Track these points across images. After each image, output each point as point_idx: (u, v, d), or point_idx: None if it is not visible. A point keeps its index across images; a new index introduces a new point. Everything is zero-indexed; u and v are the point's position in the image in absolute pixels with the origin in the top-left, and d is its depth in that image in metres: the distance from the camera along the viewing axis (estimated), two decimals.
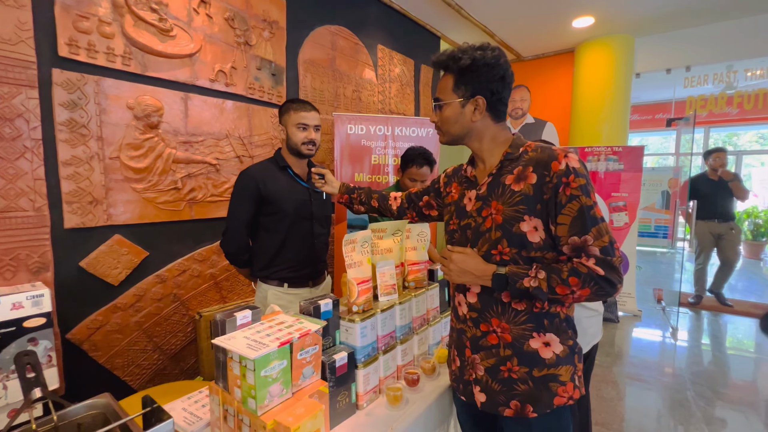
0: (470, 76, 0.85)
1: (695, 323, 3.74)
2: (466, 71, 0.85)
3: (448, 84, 0.88)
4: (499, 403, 0.88)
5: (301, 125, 1.42)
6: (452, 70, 0.87)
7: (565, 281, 0.76)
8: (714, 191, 3.76)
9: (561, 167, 0.79)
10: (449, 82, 0.88)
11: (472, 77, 0.85)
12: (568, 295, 0.77)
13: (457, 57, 0.85)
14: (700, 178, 3.91)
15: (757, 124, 7.40)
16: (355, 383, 0.96)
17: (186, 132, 1.85)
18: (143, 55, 1.68)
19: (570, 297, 0.78)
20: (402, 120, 2.39)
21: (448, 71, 0.89)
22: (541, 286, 0.78)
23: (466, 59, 0.84)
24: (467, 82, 0.86)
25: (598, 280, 0.75)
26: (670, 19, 3.49)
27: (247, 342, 0.76)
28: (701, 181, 3.88)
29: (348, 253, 1.01)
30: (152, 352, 1.81)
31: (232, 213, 1.42)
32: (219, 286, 2.05)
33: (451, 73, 0.88)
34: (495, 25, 3.59)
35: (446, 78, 0.89)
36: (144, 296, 1.76)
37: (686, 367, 2.81)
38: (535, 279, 0.78)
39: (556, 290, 0.77)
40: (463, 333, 0.93)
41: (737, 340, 3.39)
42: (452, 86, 0.88)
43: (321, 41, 2.53)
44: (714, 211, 3.77)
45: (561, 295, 0.77)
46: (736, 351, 3.18)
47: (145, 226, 1.75)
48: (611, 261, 0.76)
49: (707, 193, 3.78)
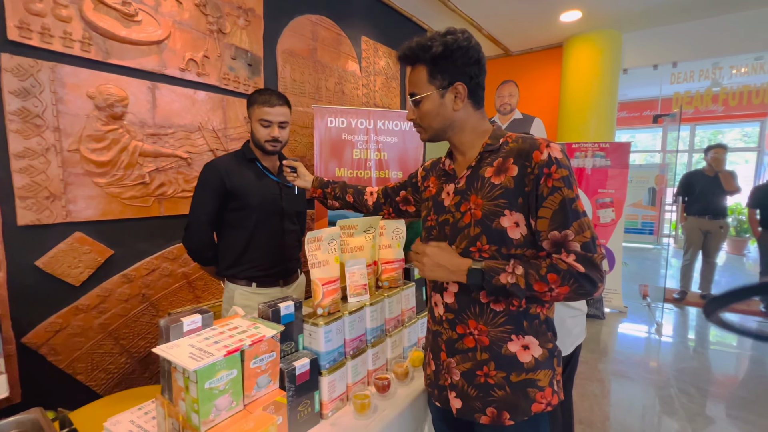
0: (445, 63, 0.79)
1: (680, 319, 3.76)
2: (440, 59, 0.78)
3: (422, 76, 0.81)
4: (475, 410, 0.82)
5: (264, 121, 1.32)
6: (423, 60, 0.80)
7: (544, 278, 0.70)
8: (709, 187, 3.78)
9: (543, 157, 0.73)
10: (422, 73, 0.81)
11: (447, 64, 0.79)
12: (547, 292, 0.71)
13: (427, 45, 0.78)
14: (696, 174, 3.93)
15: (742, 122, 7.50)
16: (319, 391, 0.90)
17: (154, 123, 1.75)
18: (105, 41, 1.58)
19: (548, 295, 0.72)
20: (384, 113, 2.32)
21: (419, 62, 0.81)
22: (518, 283, 0.72)
23: (437, 46, 0.77)
24: (443, 69, 0.79)
25: (578, 278, 0.69)
26: (657, 14, 3.47)
27: (191, 351, 0.69)
28: (697, 176, 3.89)
29: (312, 252, 0.94)
30: (119, 355, 1.72)
31: (195, 207, 1.34)
32: (192, 286, 1.96)
33: (423, 64, 0.80)
34: (482, 18, 3.53)
35: (418, 70, 0.82)
36: (109, 297, 1.67)
37: (670, 364, 2.81)
38: (513, 275, 0.72)
39: (534, 287, 0.71)
40: (439, 335, 0.88)
41: (720, 336, 3.41)
42: (427, 77, 0.80)
43: (301, 31, 2.44)
44: (707, 207, 3.79)
45: (539, 292, 0.72)
46: (719, 347, 3.20)
47: (110, 223, 1.65)
48: (592, 258, 0.70)
49: (702, 189, 3.80)
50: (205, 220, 1.33)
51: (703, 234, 3.87)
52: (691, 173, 3.99)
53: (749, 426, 2.11)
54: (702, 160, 3.99)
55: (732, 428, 2.10)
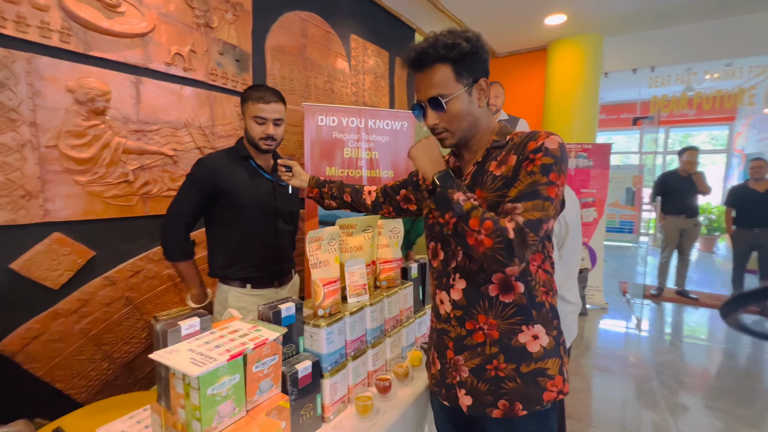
0: (471, 59, 0.78)
1: (658, 314, 3.90)
2: (468, 55, 0.78)
3: (448, 75, 0.79)
4: (487, 404, 0.82)
5: (259, 118, 1.29)
6: (449, 59, 0.78)
7: (482, 219, 0.70)
8: (684, 187, 3.94)
9: (536, 146, 0.74)
10: (448, 73, 0.79)
11: (473, 60, 0.79)
12: (473, 232, 0.71)
13: (453, 43, 0.77)
14: (671, 175, 4.08)
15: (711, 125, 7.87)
16: (321, 394, 0.88)
17: (138, 120, 1.68)
18: (86, 32, 1.51)
19: (472, 235, 0.71)
20: (375, 112, 2.31)
21: (441, 62, 0.79)
22: (463, 205, 0.73)
23: (464, 44, 0.77)
24: (469, 67, 0.79)
25: (504, 241, 0.68)
26: (637, 20, 3.59)
27: (192, 356, 0.66)
28: (672, 177, 4.04)
29: (313, 252, 0.92)
30: (101, 361, 1.65)
31: (178, 202, 1.30)
32: (178, 288, 1.90)
33: (447, 63, 0.78)
34: (470, 20, 3.56)
35: (441, 70, 0.79)
36: (90, 300, 1.59)
37: (651, 358, 2.92)
38: (467, 199, 0.74)
39: (470, 221, 0.71)
40: (446, 333, 0.87)
41: (697, 330, 3.56)
42: (454, 76, 0.79)
43: (290, 27, 2.40)
44: (683, 206, 3.95)
45: (469, 228, 0.72)
46: (696, 340, 3.34)
47: (91, 223, 1.58)
48: (527, 235, 0.69)
49: (677, 189, 3.95)
50: (183, 216, 1.29)
51: (679, 232, 4.03)
52: (667, 174, 4.15)
53: (726, 416, 2.21)
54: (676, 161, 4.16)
55: (710, 418, 2.19)
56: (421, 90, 0.84)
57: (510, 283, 0.80)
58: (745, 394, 2.46)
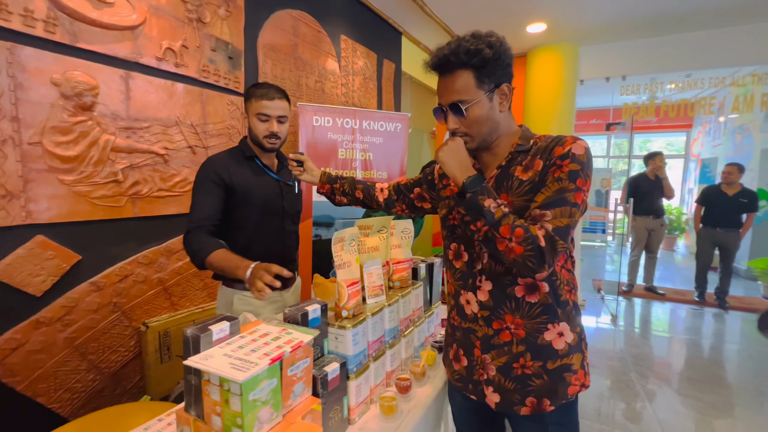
0: (493, 65, 0.79)
1: (629, 310, 4.13)
2: (490, 61, 0.78)
3: (469, 81, 0.80)
4: (515, 403, 0.85)
5: (262, 116, 1.26)
6: (470, 65, 0.79)
7: (513, 227, 0.72)
8: (652, 190, 4.19)
9: (563, 151, 0.77)
10: (469, 78, 0.80)
11: (495, 66, 0.79)
12: (505, 240, 0.73)
13: (475, 50, 0.77)
14: (640, 178, 4.30)
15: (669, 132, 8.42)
16: (347, 396, 0.87)
17: (128, 116, 1.60)
18: (72, 22, 1.42)
19: (503, 242, 0.73)
20: (370, 113, 2.31)
21: (463, 68, 0.80)
22: (494, 213, 0.74)
23: (486, 50, 0.77)
24: (491, 72, 0.80)
25: (536, 248, 0.71)
26: (610, 30, 3.79)
27: (230, 361, 0.64)
28: (641, 180, 4.29)
29: (337, 253, 0.91)
30: (86, 372, 1.55)
31: (196, 207, 1.21)
32: (168, 292, 1.82)
33: (469, 69, 0.79)
34: (455, 25, 3.64)
35: (462, 75, 0.80)
36: (75, 308, 1.49)
37: (627, 350, 3.08)
38: (497, 206, 0.75)
39: (501, 228, 0.73)
40: (472, 332, 0.89)
41: (666, 323, 3.80)
42: (475, 82, 0.80)
43: (282, 26, 2.36)
44: (651, 207, 4.21)
45: (500, 235, 0.73)
46: (668, 333, 3.56)
47: (77, 225, 1.48)
48: (556, 242, 0.72)
49: (646, 191, 4.20)
50: (208, 221, 1.19)
51: (648, 232, 4.29)
52: (636, 177, 4.40)
53: (697, 402, 2.37)
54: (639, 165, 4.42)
55: (684, 405, 2.35)
56: (443, 94, 0.85)
57: (536, 284, 0.82)
58: (712, 381, 2.65)
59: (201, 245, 1.14)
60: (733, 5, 3.26)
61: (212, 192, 1.21)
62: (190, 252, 1.18)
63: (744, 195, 3.90)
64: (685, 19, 3.54)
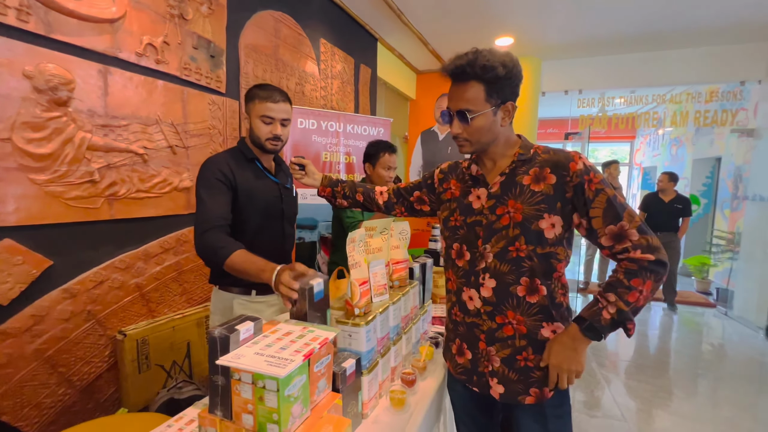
0: (503, 83, 0.86)
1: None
2: (501, 79, 0.85)
3: (479, 93, 0.86)
4: (519, 392, 0.92)
5: (267, 118, 1.25)
6: (483, 79, 0.85)
7: (630, 287, 0.81)
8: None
9: (579, 167, 0.85)
10: (480, 91, 0.86)
11: (505, 84, 0.86)
12: (639, 297, 0.81)
13: (490, 66, 0.83)
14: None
15: (615, 142, 9.20)
16: (361, 391, 0.91)
17: (105, 113, 1.52)
18: (47, 11, 1.33)
19: (641, 298, 0.81)
20: (353, 117, 2.35)
21: (476, 80, 0.86)
22: (619, 307, 0.81)
23: (500, 68, 0.84)
24: (500, 90, 0.86)
25: (653, 267, 0.80)
26: (569, 48, 4.12)
27: (264, 359, 0.65)
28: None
29: (350, 253, 0.94)
30: (56, 386, 1.44)
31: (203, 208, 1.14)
32: (146, 298, 1.73)
33: (481, 82, 0.86)
34: (429, 35, 3.77)
35: (474, 87, 0.86)
36: (46, 317, 1.39)
37: None
38: (610, 305, 0.82)
39: (629, 299, 0.81)
40: (476, 326, 0.95)
41: None
42: (484, 96, 0.86)
43: (264, 26, 2.33)
44: None
45: (635, 302, 0.81)
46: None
47: (48, 228, 1.38)
48: (652, 242, 0.81)
49: None
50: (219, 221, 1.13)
51: None
52: None
53: (649, 386, 2.63)
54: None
55: (638, 389, 2.60)
56: (453, 100, 0.91)
57: (536, 287, 0.89)
58: (659, 367, 2.94)
59: (225, 243, 1.08)
60: (671, 31, 3.67)
61: (222, 191, 1.18)
62: (211, 250, 1.09)
63: (678, 201, 4.21)
64: (632, 41, 3.92)
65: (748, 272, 4.13)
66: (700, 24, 3.48)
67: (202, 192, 1.18)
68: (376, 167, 1.86)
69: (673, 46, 4.10)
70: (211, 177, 1.19)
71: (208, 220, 1.13)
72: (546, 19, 3.42)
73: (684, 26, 3.54)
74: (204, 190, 1.18)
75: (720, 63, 4.13)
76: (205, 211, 1.15)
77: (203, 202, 1.17)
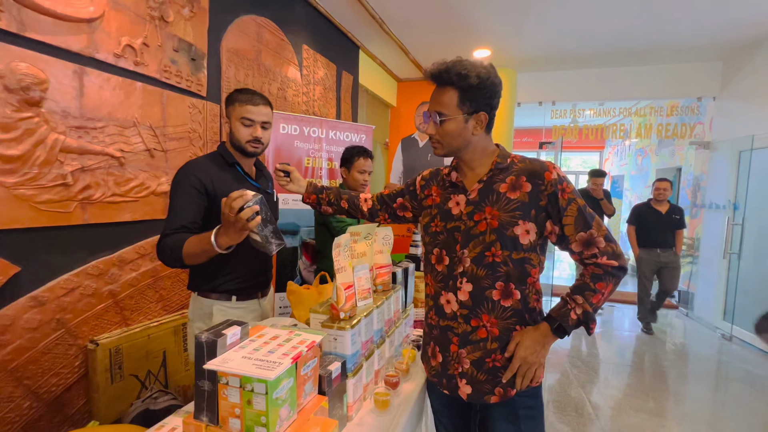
0: (476, 93, 0.90)
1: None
2: (473, 88, 0.89)
3: (452, 99, 0.91)
4: (485, 392, 0.95)
5: (246, 120, 1.26)
6: (457, 85, 0.90)
7: (596, 290, 0.88)
8: (593, 206, 4.64)
9: (553, 177, 0.91)
10: (453, 97, 0.91)
11: (477, 94, 0.90)
12: (601, 298, 0.89)
13: (464, 74, 0.88)
14: (583, 193, 4.17)
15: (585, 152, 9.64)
16: (346, 393, 0.92)
17: (80, 115, 1.48)
18: (20, 9, 1.29)
19: (602, 300, 0.89)
20: (336, 124, 2.37)
21: (451, 86, 0.91)
22: (585, 309, 0.88)
23: (473, 77, 0.88)
24: (473, 98, 0.91)
25: (616, 272, 0.88)
26: (543, 61, 4.31)
27: (253, 362, 0.66)
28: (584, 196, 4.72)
29: (336, 257, 0.96)
30: (21, 399, 1.37)
31: (173, 212, 1.14)
32: (120, 306, 1.68)
33: (456, 89, 0.90)
34: (410, 45, 3.85)
35: (448, 92, 0.91)
36: (12, 326, 1.32)
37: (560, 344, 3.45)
38: (579, 306, 0.89)
39: (593, 301, 0.89)
40: (450, 329, 0.98)
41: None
42: (457, 102, 0.91)
43: (247, 31, 2.33)
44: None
45: (597, 303, 0.89)
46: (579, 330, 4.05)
47: (16, 233, 1.32)
48: (615, 249, 0.89)
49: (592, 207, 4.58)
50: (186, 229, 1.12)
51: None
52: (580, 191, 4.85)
53: (619, 384, 2.75)
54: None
55: (610, 388, 2.71)
56: (431, 102, 0.97)
57: (510, 291, 0.94)
58: (627, 366, 3.09)
59: (176, 241, 1.08)
60: (636, 49, 3.92)
61: (193, 198, 1.17)
62: (168, 252, 1.09)
63: (675, 212, 3.74)
64: (601, 57, 4.15)
65: (707, 275, 4.40)
66: (663, 42, 3.73)
67: (173, 197, 1.18)
68: (351, 171, 1.91)
69: (638, 63, 4.37)
70: (186, 183, 1.17)
71: (169, 227, 1.13)
72: (522, 34, 3.57)
73: (647, 45, 3.79)
74: (176, 195, 1.17)
75: (679, 80, 4.43)
76: (171, 218, 1.15)
77: (172, 209, 1.16)
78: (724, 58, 4.19)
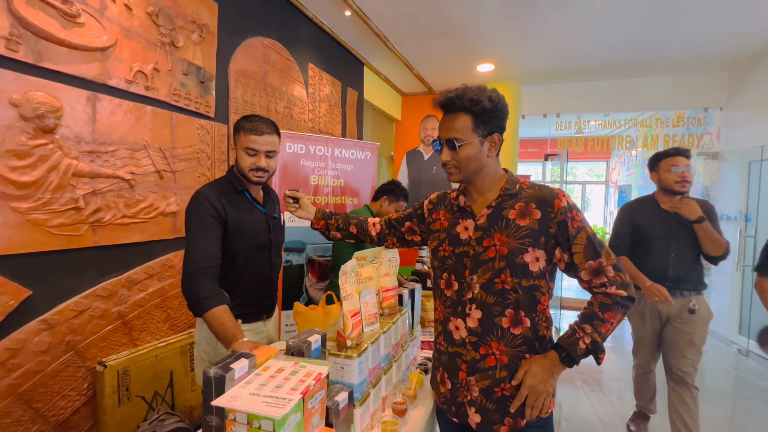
0: (489, 116, 0.92)
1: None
2: (487, 112, 0.91)
3: (467, 124, 0.92)
4: (494, 422, 0.93)
5: (250, 150, 1.25)
6: (471, 111, 0.91)
7: (604, 319, 0.88)
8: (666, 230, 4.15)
9: (563, 205, 0.91)
10: (467, 122, 0.92)
11: (491, 117, 0.92)
12: (610, 328, 0.88)
13: (477, 99, 0.90)
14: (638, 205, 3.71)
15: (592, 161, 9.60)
16: (353, 424, 0.91)
17: (93, 140, 1.51)
18: (38, 41, 1.34)
19: (611, 330, 0.89)
20: (341, 141, 2.39)
21: (464, 111, 0.92)
22: (594, 339, 0.88)
23: (486, 101, 0.90)
24: (486, 121, 0.92)
25: (624, 302, 0.88)
26: (547, 75, 4.33)
27: (261, 399, 0.66)
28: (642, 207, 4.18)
29: (342, 285, 0.96)
30: (30, 423, 1.37)
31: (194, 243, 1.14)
32: (128, 327, 1.69)
33: (469, 114, 0.92)
34: (414, 60, 3.90)
35: (462, 118, 0.92)
36: (22, 350, 1.34)
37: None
38: (586, 335, 0.88)
39: (602, 330, 0.88)
40: (459, 356, 0.97)
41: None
42: (472, 126, 0.92)
43: (254, 53, 2.38)
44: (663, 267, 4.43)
45: (605, 332, 0.88)
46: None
47: (28, 257, 1.35)
48: (624, 279, 0.89)
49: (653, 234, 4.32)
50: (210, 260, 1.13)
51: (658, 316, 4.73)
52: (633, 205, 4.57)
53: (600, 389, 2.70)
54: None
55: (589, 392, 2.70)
56: (443, 130, 0.97)
57: (520, 318, 0.93)
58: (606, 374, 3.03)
59: (210, 294, 1.08)
60: (641, 61, 3.92)
61: (214, 227, 1.17)
62: (195, 297, 1.09)
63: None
64: (605, 69, 4.16)
65: (720, 288, 4.31)
66: (667, 54, 3.74)
67: (194, 228, 1.17)
68: (390, 206, 2.16)
69: (643, 74, 4.37)
70: (204, 213, 1.18)
71: (199, 259, 1.12)
72: (525, 48, 3.60)
73: (653, 56, 3.79)
74: (196, 226, 1.17)
75: (685, 91, 4.41)
76: (196, 250, 1.14)
77: (195, 240, 1.16)
78: (729, 69, 4.18)
